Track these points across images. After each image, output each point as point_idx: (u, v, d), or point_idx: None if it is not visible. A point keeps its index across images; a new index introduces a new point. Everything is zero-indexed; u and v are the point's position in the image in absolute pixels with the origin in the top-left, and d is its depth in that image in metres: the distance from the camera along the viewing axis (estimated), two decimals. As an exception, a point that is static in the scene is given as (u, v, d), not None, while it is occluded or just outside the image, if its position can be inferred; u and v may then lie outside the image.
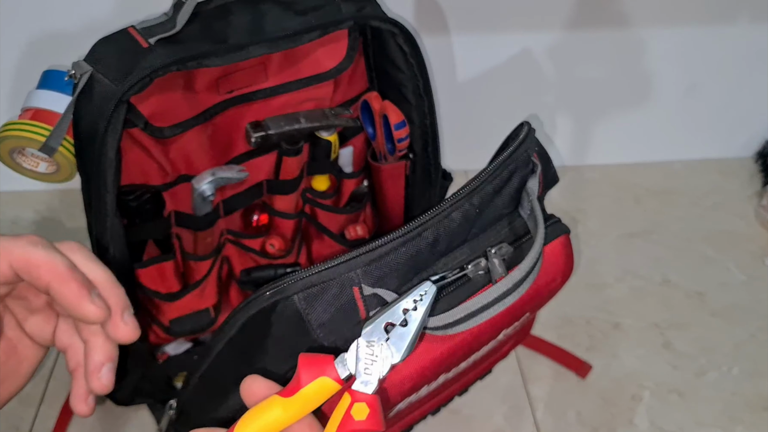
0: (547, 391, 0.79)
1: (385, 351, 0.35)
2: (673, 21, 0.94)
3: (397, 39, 0.63)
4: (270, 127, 0.65)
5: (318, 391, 0.34)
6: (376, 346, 0.35)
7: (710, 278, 0.92)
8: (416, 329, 0.35)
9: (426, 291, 0.36)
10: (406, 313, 0.35)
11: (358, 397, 0.34)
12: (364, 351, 0.35)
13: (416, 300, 0.36)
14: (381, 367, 0.35)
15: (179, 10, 0.56)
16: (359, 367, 0.35)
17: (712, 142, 1.10)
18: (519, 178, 0.55)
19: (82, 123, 0.56)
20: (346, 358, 0.35)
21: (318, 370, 0.35)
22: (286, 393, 0.34)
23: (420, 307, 0.35)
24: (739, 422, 0.76)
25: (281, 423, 0.34)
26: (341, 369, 0.35)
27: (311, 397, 0.34)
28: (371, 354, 0.35)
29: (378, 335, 0.35)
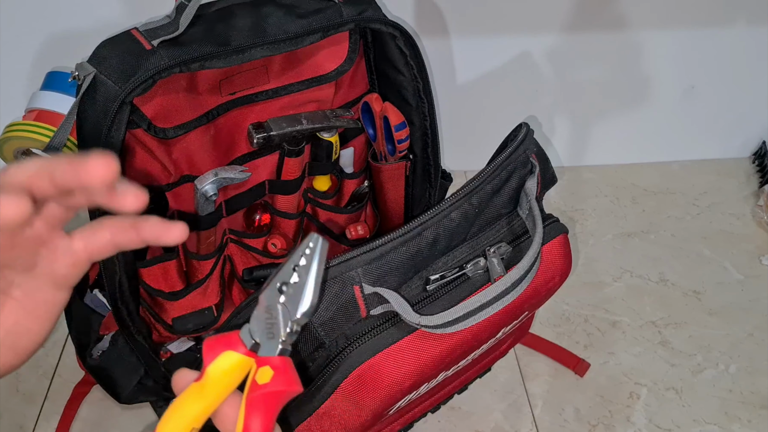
0: (545, 389, 0.79)
1: (283, 310, 0.33)
2: (671, 23, 0.95)
3: (397, 41, 0.64)
4: (272, 128, 0.65)
5: (228, 367, 0.33)
6: (273, 307, 0.33)
7: (707, 277, 0.93)
8: (311, 281, 0.33)
9: (312, 244, 0.33)
10: (297, 270, 0.33)
11: (261, 362, 0.33)
12: (263, 316, 0.34)
13: (305, 254, 0.33)
14: (281, 327, 0.33)
15: (182, 13, 0.56)
16: (261, 333, 0.33)
17: (709, 142, 1.10)
18: (518, 179, 0.55)
19: (85, 124, 0.56)
20: (250, 328, 0.34)
21: (221, 346, 0.33)
22: (198, 378, 0.33)
23: (310, 261, 0.33)
24: (736, 419, 0.77)
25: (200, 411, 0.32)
26: (246, 339, 0.34)
27: (221, 376, 0.32)
28: (270, 317, 0.33)
29: (273, 297, 0.34)
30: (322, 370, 0.49)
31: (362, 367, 0.49)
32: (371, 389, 0.50)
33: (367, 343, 0.49)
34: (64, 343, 0.83)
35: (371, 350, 0.49)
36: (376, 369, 0.49)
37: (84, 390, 0.77)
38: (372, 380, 0.49)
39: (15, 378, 0.80)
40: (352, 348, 0.49)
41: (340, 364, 0.49)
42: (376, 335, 0.49)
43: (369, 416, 0.51)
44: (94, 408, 0.76)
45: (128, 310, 0.62)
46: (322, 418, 0.51)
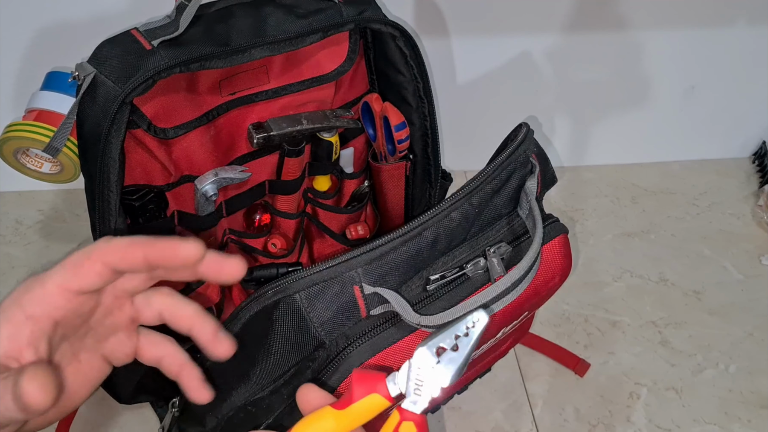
0: (545, 389, 0.79)
1: (435, 374, 0.36)
2: (671, 23, 0.95)
3: (397, 41, 0.64)
4: (272, 128, 0.65)
5: (369, 406, 0.36)
6: (426, 367, 0.36)
7: (707, 277, 0.93)
8: (466, 355, 0.36)
9: (478, 319, 0.37)
10: (458, 339, 0.37)
11: (406, 416, 0.36)
12: (415, 372, 0.36)
13: (468, 327, 0.37)
14: (430, 389, 0.36)
15: (182, 13, 0.56)
16: (409, 386, 0.36)
17: (709, 142, 1.10)
18: (518, 179, 0.55)
19: (85, 124, 0.56)
20: (397, 377, 0.36)
21: (370, 386, 0.36)
22: (339, 405, 0.36)
23: (471, 334, 0.37)
24: (736, 419, 0.77)
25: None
26: (392, 387, 0.36)
27: (362, 412, 0.36)
28: (419, 374, 0.36)
29: (429, 358, 0.36)
30: (322, 369, 0.49)
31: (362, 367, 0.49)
32: (371, 389, 0.50)
33: (367, 343, 0.49)
34: (64, 343, 0.83)
35: (371, 350, 0.49)
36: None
37: (84, 390, 0.77)
38: (372, 380, 0.49)
39: (15, 378, 0.80)
40: (352, 348, 0.49)
41: (340, 364, 0.49)
42: (376, 335, 0.49)
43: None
44: (94, 408, 0.76)
45: (128, 310, 0.62)
46: (322, 418, 0.51)
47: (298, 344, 0.49)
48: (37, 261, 0.93)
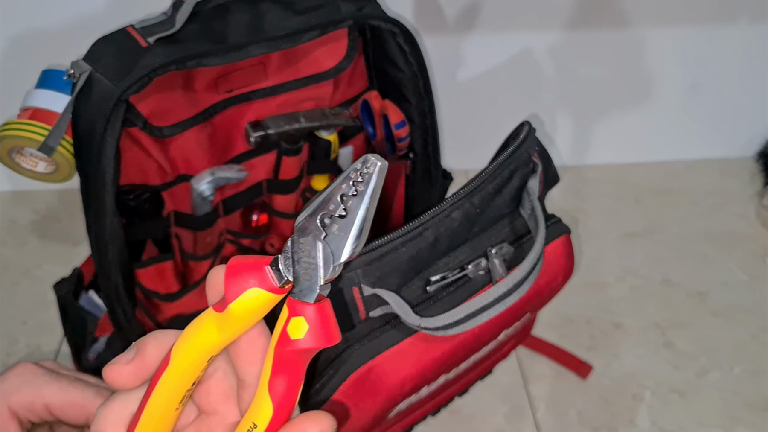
0: (547, 391, 0.78)
1: (324, 249, 0.27)
2: (674, 21, 0.94)
3: (397, 38, 0.63)
4: (270, 126, 0.65)
5: (250, 305, 0.28)
6: (311, 243, 0.27)
7: (711, 278, 0.92)
8: (360, 218, 0.27)
9: (368, 168, 0.27)
10: (345, 200, 0.27)
11: (295, 310, 0.28)
12: (299, 251, 0.27)
13: (357, 182, 0.27)
14: (321, 270, 0.27)
15: (178, 10, 0.56)
16: (298, 271, 0.28)
17: (713, 141, 1.10)
18: (519, 178, 0.55)
19: (81, 122, 0.56)
20: (281, 261, 0.28)
21: (246, 279, 0.28)
22: (218, 307, 0.28)
23: (361, 189, 0.27)
24: (740, 422, 0.76)
25: (218, 341, 0.29)
26: (275, 275, 0.28)
27: (244, 313, 0.28)
28: (308, 255, 0.27)
29: (314, 231, 0.27)
30: (321, 372, 0.49)
31: (361, 369, 0.48)
32: (371, 392, 0.49)
33: (366, 345, 0.48)
34: (59, 345, 0.82)
35: (371, 353, 0.48)
36: (376, 372, 0.49)
37: (80, 392, 0.76)
38: (372, 383, 0.49)
39: (10, 380, 0.79)
40: (352, 350, 0.48)
41: (339, 366, 0.48)
42: (375, 337, 0.49)
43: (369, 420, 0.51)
44: (90, 411, 0.76)
45: (124, 311, 0.62)
46: (320, 421, 0.50)
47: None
48: (32, 261, 0.92)
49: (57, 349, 0.82)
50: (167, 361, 0.29)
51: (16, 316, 0.86)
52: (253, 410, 0.28)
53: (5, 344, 0.83)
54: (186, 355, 0.29)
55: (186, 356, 0.29)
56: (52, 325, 0.81)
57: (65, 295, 0.68)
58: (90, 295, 0.71)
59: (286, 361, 0.28)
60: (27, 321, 0.85)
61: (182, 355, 0.29)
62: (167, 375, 0.29)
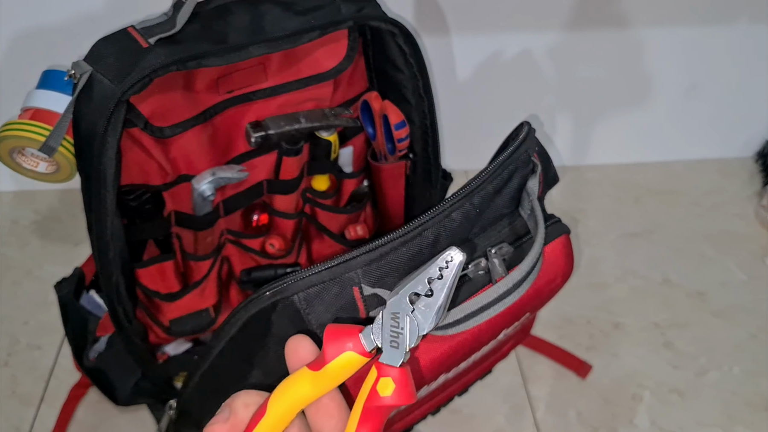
0: (547, 391, 0.79)
1: (411, 322, 0.33)
2: (673, 21, 0.94)
3: (397, 39, 0.63)
4: (270, 127, 0.64)
5: (344, 365, 0.33)
6: (401, 317, 0.34)
7: (711, 278, 0.92)
8: (443, 298, 0.33)
9: (452, 257, 0.33)
10: (431, 282, 0.33)
11: (384, 372, 0.33)
12: (389, 323, 0.33)
13: (441, 268, 0.33)
14: (408, 339, 0.33)
15: (179, 10, 0.56)
16: (385, 339, 0.33)
17: (712, 142, 1.10)
18: (519, 178, 0.55)
19: (81, 123, 0.56)
20: (372, 330, 0.34)
21: (343, 343, 0.34)
22: (314, 366, 0.34)
23: (446, 274, 0.33)
24: (740, 422, 0.76)
25: (310, 396, 0.34)
26: (367, 342, 0.34)
27: (337, 372, 0.33)
28: (396, 326, 0.33)
29: (403, 306, 0.34)
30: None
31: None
32: (371, 392, 0.49)
33: (366, 345, 0.48)
34: (60, 345, 0.83)
35: (370, 352, 0.48)
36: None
37: (80, 392, 0.76)
38: (371, 383, 0.49)
39: (11, 380, 0.79)
40: (352, 350, 0.48)
41: (339, 366, 0.48)
42: (375, 337, 0.48)
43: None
44: (91, 410, 0.76)
45: (125, 311, 0.62)
46: (321, 421, 0.50)
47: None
48: (33, 261, 0.92)
49: (58, 348, 0.82)
50: (262, 413, 0.33)
51: (18, 316, 0.86)
52: None
53: (6, 344, 0.83)
54: (281, 406, 0.34)
55: (281, 408, 0.34)
56: (54, 325, 0.81)
57: (66, 294, 0.68)
58: (91, 294, 0.71)
59: (371, 414, 0.33)
60: (28, 321, 0.85)
61: (278, 406, 0.33)
62: (263, 425, 0.33)
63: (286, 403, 0.34)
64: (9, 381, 0.79)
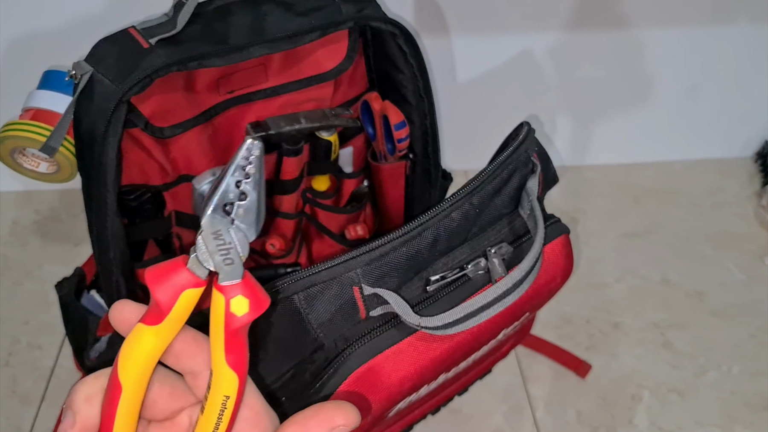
0: (546, 391, 0.79)
1: (236, 232, 0.31)
2: (673, 22, 0.94)
3: (397, 40, 0.63)
4: (270, 127, 0.65)
5: (187, 304, 0.31)
6: (224, 231, 0.31)
7: (710, 278, 0.92)
8: (258, 196, 0.31)
9: (251, 149, 0.30)
10: (240, 185, 0.31)
11: (230, 292, 0.31)
12: (213, 243, 0.31)
13: (244, 166, 0.31)
14: (240, 250, 0.31)
15: (180, 11, 0.56)
16: (216, 260, 0.30)
17: (711, 142, 1.10)
18: (519, 178, 0.55)
19: (82, 123, 0.56)
20: (198, 257, 0.31)
21: (174, 284, 0.30)
22: (152, 320, 0.31)
23: (251, 171, 0.31)
24: (739, 422, 0.76)
25: (158, 349, 0.31)
26: (199, 270, 0.31)
27: (180, 315, 0.31)
28: (223, 243, 0.31)
29: (220, 221, 0.31)
30: (321, 372, 0.49)
31: (362, 369, 0.48)
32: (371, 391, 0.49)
33: (366, 344, 0.48)
34: (61, 345, 0.83)
35: (371, 352, 0.48)
36: (376, 371, 0.49)
37: (81, 392, 0.76)
38: (372, 382, 0.49)
39: (12, 380, 0.79)
40: (352, 350, 0.48)
41: (340, 366, 0.48)
42: (375, 337, 0.49)
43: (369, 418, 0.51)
44: (92, 410, 0.76)
45: (125, 311, 0.62)
46: (321, 420, 0.50)
47: (296, 346, 0.49)
48: (33, 261, 0.93)
49: (59, 348, 0.82)
50: (117, 391, 0.30)
51: (18, 316, 0.86)
52: (216, 387, 0.31)
53: (7, 344, 0.83)
54: (134, 373, 0.30)
55: (135, 375, 0.30)
56: (54, 324, 0.81)
57: (67, 294, 0.68)
58: (92, 294, 0.71)
59: (234, 337, 0.31)
60: (29, 321, 0.85)
61: (130, 375, 0.30)
62: (124, 402, 0.30)
63: (138, 368, 0.31)
64: (9, 381, 0.79)
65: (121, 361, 0.31)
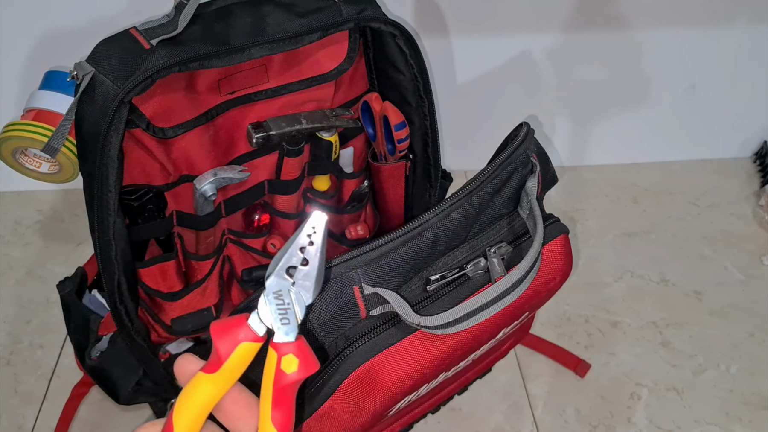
0: (546, 390, 0.79)
1: (295, 295, 0.34)
2: (671, 23, 0.94)
3: (397, 41, 0.64)
4: (271, 127, 0.65)
5: (240, 357, 0.33)
6: (284, 293, 0.34)
7: (708, 277, 0.93)
8: (318, 263, 0.34)
9: (317, 222, 0.33)
10: (304, 251, 0.33)
11: (283, 350, 0.33)
12: (274, 302, 0.34)
13: (309, 235, 0.33)
14: (296, 312, 0.34)
15: (181, 12, 0.56)
16: (275, 319, 0.33)
17: (710, 142, 1.10)
18: (518, 179, 0.55)
19: (84, 123, 0.56)
20: (259, 314, 0.34)
21: (234, 337, 0.33)
22: (209, 369, 0.33)
23: (315, 240, 0.33)
24: (737, 420, 0.76)
25: (213, 398, 0.33)
26: (258, 327, 0.34)
27: (236, 366, 0.33)
28: (282, 303, 0.34)
29: (283, 283, 0.34)
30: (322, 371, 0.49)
31: (362, 368, 0.49)
32: (371, 390, 0.49)
33: (367, 344, 0.48)
34: (63, 344, 0.83)
35: (371, 351, 0.48)
36: (376, 370, 0.49)
37: (82, 391, 0.77)
38: (372, 381, 0.49)
39: (14, 379, 0.79)
40: (352, 349, 0.48)
41: (340, 365, 0.49)
42: (376, 336, 0.49)
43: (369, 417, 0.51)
44: (93, 409, 0.76)
45: (127, 310, 0.62)
46: (321, 419, 0.50)
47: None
48: (35, 261, 0.93)
49: (60, 347, 0.83)
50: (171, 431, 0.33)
51: (20, 315, 0.86)
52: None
53: (9, 343, 0.83)
54: (188, 418, 0.33)
55: (188, 419, 0.33)
56: (56, 324, 0.81)
57: (69, 294, 0.68)
58: (93, 294, 0.71)
59: (282, 394, 0.33)
60: (31, 320, 0.86)
61: (184, 419, 0.33)
62: None
63: (191, 414, 0.33)
64: (11, 380, 0.79)
65: (177, 406, 0.33)
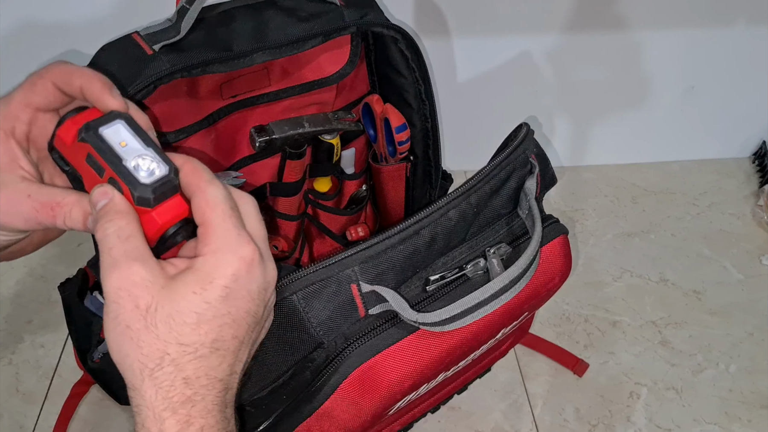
0: (545, 389, 0.79)
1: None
2: (671, 23, 0.95)
3: (399, 44, 0.64)
4: (274, 131, 0.65)
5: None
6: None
7: (707, 277, 0.93)
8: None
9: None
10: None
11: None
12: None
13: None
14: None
15: (183, 17, 0.56)
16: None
17: (709, 142, 1.10)
18: (517, 179, 0.55)
19: (87, 127, 0.56)
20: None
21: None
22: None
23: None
24: (736, 419, 0.77)
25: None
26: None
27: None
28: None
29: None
30: (322, 370, 0.49)
31: (362, 367, 0.49)
32: (371, 390, 0.50)
33: (366, 343, 0.49)
34: (64, 344, 0.83)
35: (371, 351, 0.49)
36: (376, 369, 0.49)
37: (82, 389, 0.77)
38: (372, 381, 0.49)
39: (15, 378, 0.80)
40: (352, 348, 0.49)
41: (340, 364, 0.49)
42: (375, 335, 0.49)
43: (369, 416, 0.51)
44: (94, 408, 0.77)
45: (129, 311, 0.62)
46: (321, 418, 0.51)
47: (296, 345, 0.49)
48: (36, 261, 0.93)
49: (62, 347, 0.83)
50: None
51: (21, 315, 0.87)
52: None
53: (10, 342, 0.83)
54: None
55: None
56: (57, 323, 0.82)
57: (70, 296, 0.68)
58: (95, 296, 0.71)
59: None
60: (32, 319, 0.86)
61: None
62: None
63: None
64: (13, 379, 0.80)
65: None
